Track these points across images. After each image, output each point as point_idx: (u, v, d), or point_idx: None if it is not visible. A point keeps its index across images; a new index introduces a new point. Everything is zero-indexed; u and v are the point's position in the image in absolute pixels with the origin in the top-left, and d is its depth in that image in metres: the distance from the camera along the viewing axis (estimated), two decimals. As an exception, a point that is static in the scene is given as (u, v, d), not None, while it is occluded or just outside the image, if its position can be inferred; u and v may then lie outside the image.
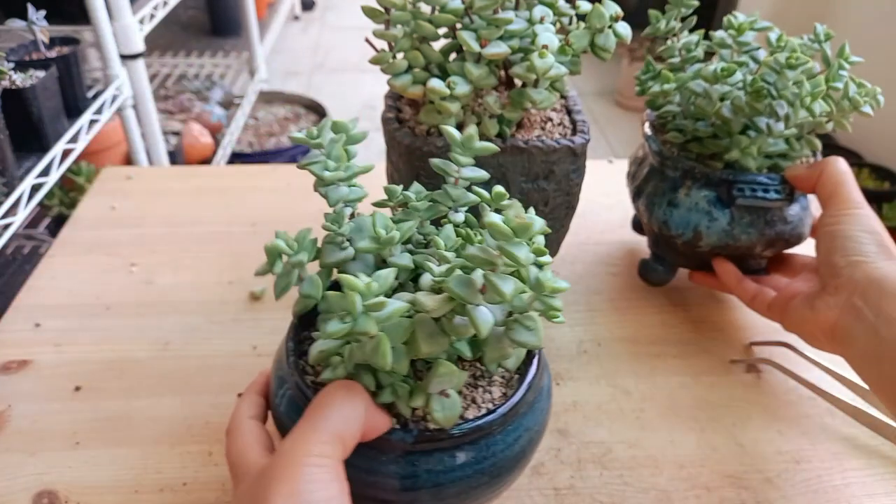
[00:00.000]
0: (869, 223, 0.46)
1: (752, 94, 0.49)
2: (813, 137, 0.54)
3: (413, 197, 0.38)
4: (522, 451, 0.35)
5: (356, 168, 0.37)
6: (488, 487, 0.34)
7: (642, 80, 0.57)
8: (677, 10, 0.54)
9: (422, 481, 0.32)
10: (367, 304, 0.28)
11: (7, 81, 0.75)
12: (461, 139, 0.38)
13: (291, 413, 0.34)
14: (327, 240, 0.37)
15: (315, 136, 0.36)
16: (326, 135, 0.36)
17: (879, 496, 0.45)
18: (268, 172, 0.81)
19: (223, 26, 2.59)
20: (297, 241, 0.35)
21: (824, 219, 0.48)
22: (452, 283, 0.29)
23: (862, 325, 0.41)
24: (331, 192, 0.37)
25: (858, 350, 0.42)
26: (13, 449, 0.47)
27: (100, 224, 0.71)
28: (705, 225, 0.53)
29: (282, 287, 0.35)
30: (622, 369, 0.55)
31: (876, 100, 0.50)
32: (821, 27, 0.52)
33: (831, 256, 0.45)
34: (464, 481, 0.33)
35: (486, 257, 0.29)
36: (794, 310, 0.48)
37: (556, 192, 0.51)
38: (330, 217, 0.36)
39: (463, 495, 0.33)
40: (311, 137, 0.36)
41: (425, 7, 0.46)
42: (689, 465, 0.47)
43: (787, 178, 0.52)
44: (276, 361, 0.38)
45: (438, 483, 0.33)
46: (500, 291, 0.28)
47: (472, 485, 0.33)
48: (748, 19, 0.54)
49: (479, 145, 0.38)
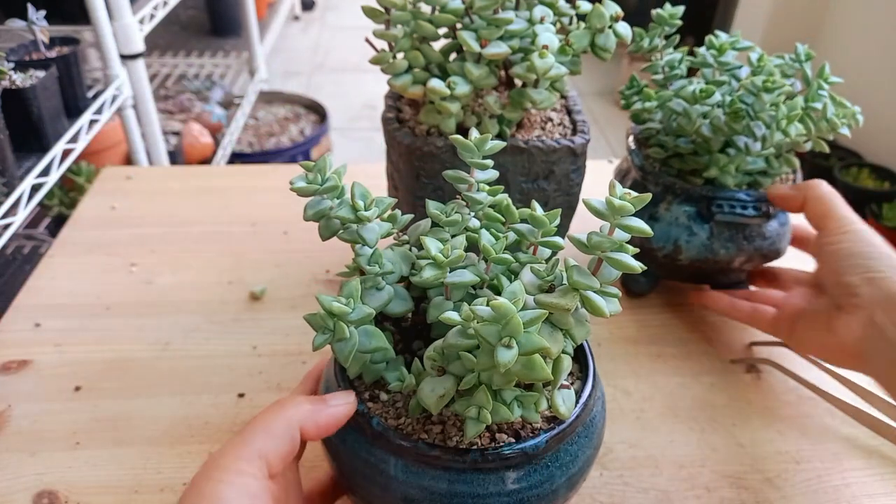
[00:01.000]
0: (871, 238, 0.46)
1: (730, 115, 0.50)
2: (791, 156, 0.55)
3: (441, 215, 0.36)
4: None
5: (387, 200, 0.35)
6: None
7: (626, 94, 0.57)
8: (661, 28, 0.54)
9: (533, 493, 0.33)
10: (526, 321, 0.28)
11: (7, 81, 0.75)
12: (475, 143, 0.36)
13: (343, 432, 0.35)
14: (366, 284, 0.35)
15: (319, 180, 0.34)
16: (327, 170, 0.34)
17: (879, 496, 0.45)
18: (268, 172, 0.81)
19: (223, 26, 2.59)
20: (349, 297, 0.32)
21: (823, 239, 0.48)
22: (575, 274, 0.30)
23: (886, 341, 0.41)
24: (365, 231, 0.34)
25: (884, 366, 0.42)
26: (13, 449, 0.47)
27: (100, 224, 0.71)
28: (685, 239, 0.54)
29: (349, 351, 0.33)
30: (622, 369, 0.55)
31: (855, 119, 0.51)
32: (801, 47, 0.53)
33: (843, 276, 0.45)
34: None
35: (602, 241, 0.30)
36: (806, 332, 0.48)
37: (557, 192, 0.51)
38: (366, 258, 0.35)
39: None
40: (313, 183, 0.34)
41: (425, 7, 0.46)
42: (689, 465, 0.47)
43: (770, 197, 0.52)
44: (325, 381, 0.38)
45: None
46: (607, 274, 0.31)
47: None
48: (729, 39, 0.55)
49: (490, 145, 0.37)
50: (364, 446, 0.33)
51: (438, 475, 0.32)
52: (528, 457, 0.32)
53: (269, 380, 0.53)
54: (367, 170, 0.80)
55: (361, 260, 0.34)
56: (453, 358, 0.31)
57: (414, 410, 0.33)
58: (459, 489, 0.32)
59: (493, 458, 0.31)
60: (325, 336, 0.32)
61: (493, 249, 0.34)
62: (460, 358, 0.30)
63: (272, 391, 0.52)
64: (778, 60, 0.53)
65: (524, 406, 0.31)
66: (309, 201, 0.34)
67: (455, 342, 0.30)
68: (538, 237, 0.36)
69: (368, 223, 0.34)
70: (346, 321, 0.32)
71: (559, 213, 0.35)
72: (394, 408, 0.34)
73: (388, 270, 0.35)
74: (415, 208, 0.51)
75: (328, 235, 0.35)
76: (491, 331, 0.27)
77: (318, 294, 0.32)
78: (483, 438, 0.33)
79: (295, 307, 0.60)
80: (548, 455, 0.33)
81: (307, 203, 0.34)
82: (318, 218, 0.34)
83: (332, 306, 0.31)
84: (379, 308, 0.34)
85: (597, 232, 0.31)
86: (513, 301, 0.28)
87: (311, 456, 0.39)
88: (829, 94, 0.51)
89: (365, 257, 0.35)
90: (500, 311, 0.27)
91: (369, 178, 0.39)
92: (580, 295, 0.30)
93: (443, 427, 0.33)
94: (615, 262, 0.30)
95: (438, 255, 0.33)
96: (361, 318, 0.32)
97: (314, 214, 0.34)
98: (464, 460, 0.31)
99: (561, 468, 0.33)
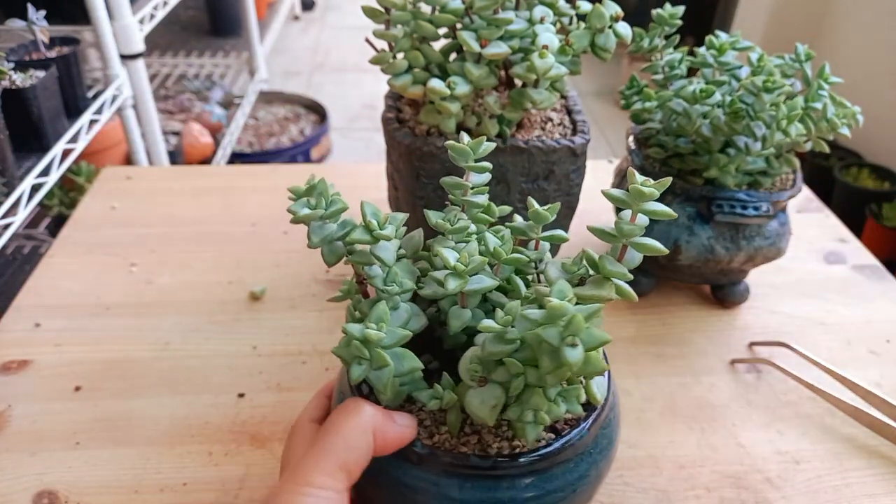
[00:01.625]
0: None
1: (730, 115, 0.50)
2: (791, 156, 0.55)
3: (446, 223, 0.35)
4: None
5: (399, 216, 0.34)
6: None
7: (626, 94, 0.57)
8: (661, 27, 0.54)
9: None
10: (587, 315, 0.27)
11: (7, 81, 0.75)
12: (470, 146, 0.36)
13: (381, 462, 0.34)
14: (389, 306, 0.34)
15: (323, 205, 0.32)
16: (328, 193, 0.33)
17: (879, 496, 0.45)
18: (268, 172, 0.81)
19: (223, 26, 2.58)
20: (379, 322, 0.31)
21: None
22: (608, 264, 0.31)
23: None
24: (380, 251, 0.33)
25: None
26: (13, 449, 0.47)
27: (100, 224, 0.71)
28: (685, 239, 0.54)
29: (388, 378, 0.32)
30: (622, 370, 0.55)
31: (855, 120, 0.51)
32: (802, 47, 0.53)
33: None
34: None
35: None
36: None
37: (557, 192, 0.51)
38: (381, 278, 0.33)
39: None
40: (317, 208, 0.32)
41: (425, 7, 0.46)
42: (689, 465, 0.47)
43: None
44: (339, 383, 0.37)
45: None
46: (630, 260, 0.31)
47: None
48: (729, 39, 0.55)
49: (483, 147, 0.36)
50: (408, 472, 0.32)
51: (495, 485, 0.31)
52: (575, 448, 0.32)
53: (269, 380, 0.53)
54: (367, 170, 0.80)
55: (376, 281, 0.33)
56: (493, 365, 0.31)
57: (454, 426, 0.32)
58: (521, 495, 0.32)
59: (556, 453, 0.32)
60: (362, 367, 0.31)
61: (503, 251, 0.34)
62: (504, 364, 0.30)
63: (272, 391, 0.52)
64: (778, 60, 0.53)
65: (567, 400, 0.32)
66: (312, 227, 0.33)
67: (495, 349, 0.29)
68: (538, 232, 0.36)
69: (384, 242, 0.33)
70: (382, 347, 0.31)
71: (558, 206, 0.35)
72: (422, 427, 0.33)
73: (407, 288, 0.33)
74: (415, 208, 0.51)
75: (334, 261, 0.33)
76: (552, 333, 0.27)
77: (345, 325, 0.30)
78: (501, 443, 0.33)
79: (295, 307, 0.60)
80: (591, 443, 0.34)
81: (311, 229, 0.33)
82: (325, 244, 0.33)
83: (367, 334, 0.30)
84: (403, 328, 0.33)
85: (621, 219, 0.31)
86: (566, 300, 0.28)
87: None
88: (829, 94, 0.51)
89: (380, 278, 0.33)
90: (558, 312, 0.27)
91: (369, 177, 0.39)
92: (615, 280, 0.31)
93: (479, 437, 0.33)
94: (642, 247, 0.30)
95: (458, 264, 0.32)
96: (396, 342, 0.31)
97: (321, 241, 0.33)
98: (523, 464, 0.31)
99: (601, 453, 0.34)
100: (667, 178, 0.31)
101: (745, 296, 0.61)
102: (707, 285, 0.63)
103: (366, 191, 0.78)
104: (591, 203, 0.78)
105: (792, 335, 0.59)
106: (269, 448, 0.48)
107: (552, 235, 0.35)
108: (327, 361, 0.55)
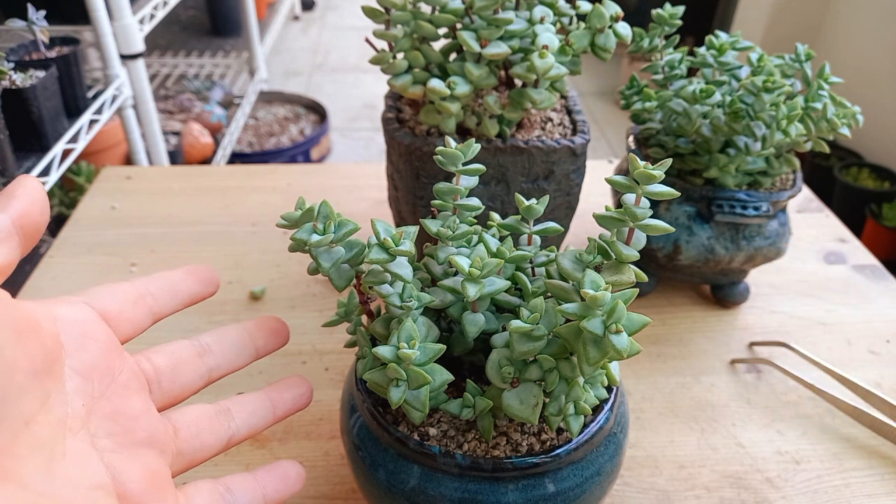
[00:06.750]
0: None
1: (730, 115, 0.50)
2: (792, 156, 0.55)
3: (447, 230, 0.35)
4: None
5: (412, 228, 0.33)
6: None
7: (626, 94, 0.57)
8: (661, 28, 0.54)
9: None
10: (625, 301, 0.28)
11: (7, 81, 0.75)
12: (460, 149, 0.35)
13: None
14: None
15: (332, 229, 0.31)
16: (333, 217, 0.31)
17: (879, 496, 0.45)
18: (268, 172, 0.81)
19: (223, 26, 2.59)
20: (409, 340, 0.30)
21: None
22: (623, 249, 0.31)
23: None
24: (397, 268, 0.31)
25: None
26: (13, 449, 0.47)
27: (100, 224, 0.71)
28: (685, 239, 0.54)
29: (426, 394, 0.31)
30: (622, 369, 0.55)
31: (855, 120, 0.51)
32: (802, 47, 0.53)
33: None
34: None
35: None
36: None
37: (557, 193, 0.51)
38: (397, 295, 0.32)
39: None
40: (326, 233, 0.31)
41: (425, 7, 0.46)
42: (689, 465, 0.47)
43: None
44: (346, 391, 0.37)
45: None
46: (636, 242, 0.32)
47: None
48: (729, 39, 0.55)
49: (474, 150, 0.35)
50: (449, 485, 0.32)
51: (540, 482, 0.32)
52: (603, 431, 0.33)
53: (269, 380, 0.53)
54: (366, 170, 0.80)
55: (392, 298, 0.32)
56: (524, 364, 0.31)
57: (488, 432, 0.32)
58: (564, 486, 0.32)
59: (591, 437, 0.32)
60: (400, 388, 0.30)
61: (506, 250, 0.34)
62: (536, 361, 0.30)
63: (272, 391, 0.52)
64: (778, 60, 0.53)
65: (594, 385, 0.32)
66: (319, 253, 0.31)
67: (526, 348, 0.29)
68: (531, 227, 0.36)
69: (400, 258, 0.31)
70: (418, 364, 0.30)
71: (547, 198, 0.35)
72: (448, 438, 0.33)
73: (428, 301, 0.32)
74: (415, 208, 0.51)
75: (344, 285, 0.32)
76: (596, 324, 0.27)
77: (375, 349, 0.30)
78: (530, 439, 0.33)
79: (295, 307, 0.60)
80: (614, 423, 0.35)
81: (318, 255, 0.31)
82: (335, 267, 0.32)
83: (403, 354, 0.29)
84: (426, 338, 0.33)
85: (626, 203, 0.31)
86: (601, 289, 0.28)
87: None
88: (829, 94, 0.51)
89: (396, 295, 0.32)
90: (598, 302, 0.27)
91: (369, 177, 0.39)
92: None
93: (506, 438, 0.33)
94: (649, 228, 0.31)
95: (474, 269, 0.31)
96: (431, 358, 0.30)
97: (332, 266, 0.31)
98: (562, 456, 0.32)
99: (622, 431, 0.35)
100: (667, 158, 0.31)
101: (745, 296, 0.61)
102: (707, 285, 0.63)
103: (366, 191, 0.78)
104: (591, 203, 0.78)
105: (792, 335, 0.59)
106: (268, 448, 0.48)
107: (546, 228, 0.35)
108: (327, 361, 0.55)
